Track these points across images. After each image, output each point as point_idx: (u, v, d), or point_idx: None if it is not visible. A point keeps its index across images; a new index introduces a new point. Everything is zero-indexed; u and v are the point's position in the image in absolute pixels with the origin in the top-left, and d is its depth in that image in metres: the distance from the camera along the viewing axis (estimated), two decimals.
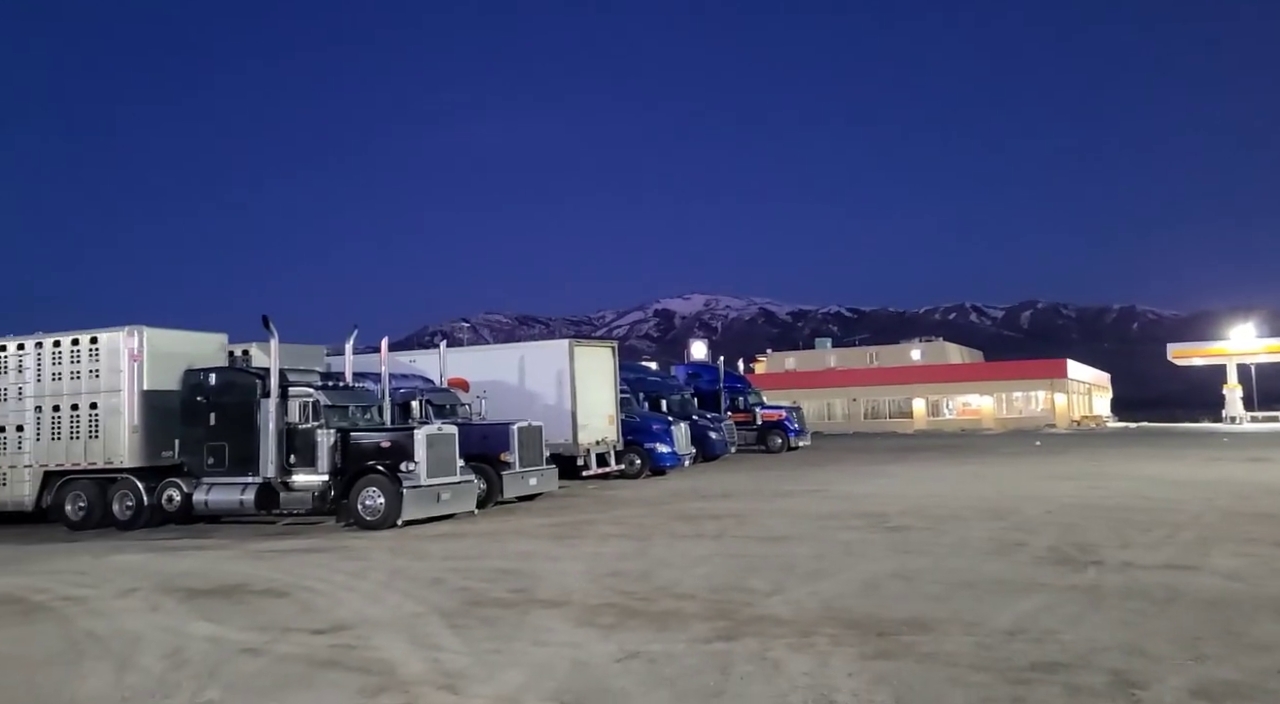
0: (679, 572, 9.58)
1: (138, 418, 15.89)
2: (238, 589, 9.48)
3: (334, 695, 5.73)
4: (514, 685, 5.81)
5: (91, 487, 16.13)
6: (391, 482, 13.98)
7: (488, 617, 7.75)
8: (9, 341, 16.96)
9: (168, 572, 10.86)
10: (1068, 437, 43.25)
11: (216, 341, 17.36)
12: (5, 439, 16.72)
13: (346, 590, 9.19)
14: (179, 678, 6.23)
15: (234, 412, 15.22)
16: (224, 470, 15.22)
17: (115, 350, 16.08)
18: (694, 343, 62.07)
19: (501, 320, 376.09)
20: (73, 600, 9.16)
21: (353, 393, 15.99)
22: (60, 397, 16.41)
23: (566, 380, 21.07)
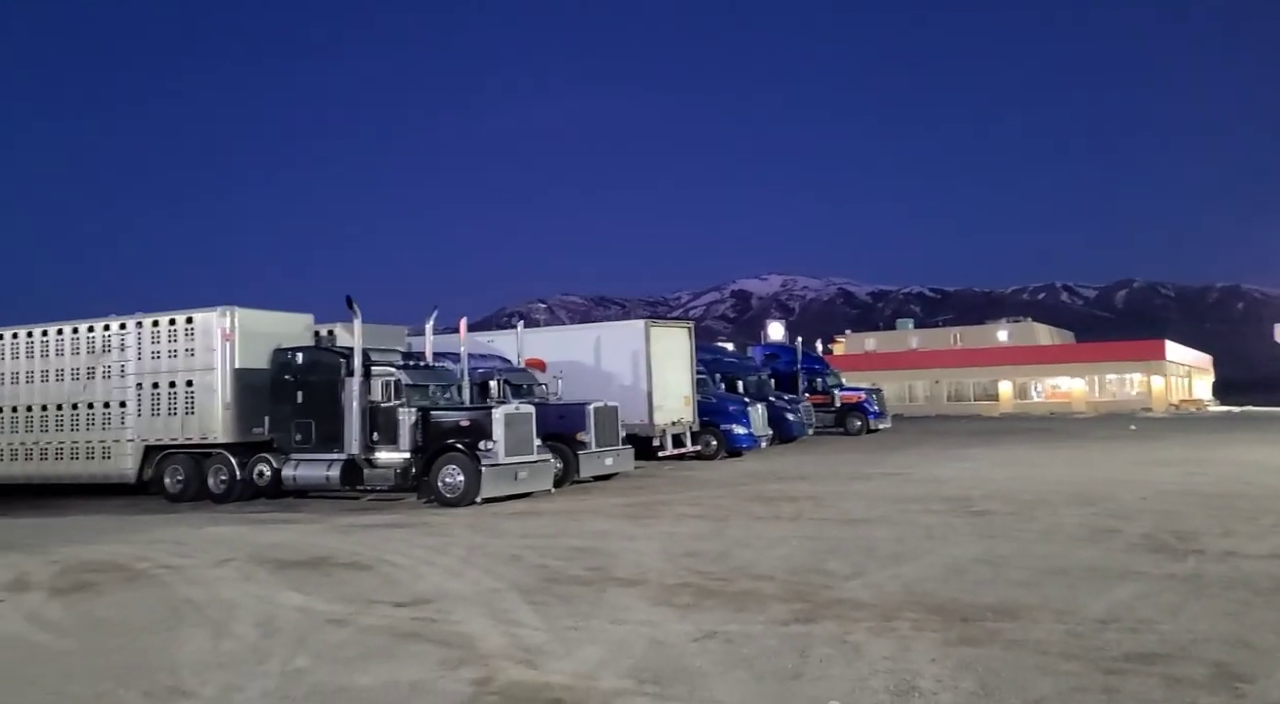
0: (756, 553, 9.50)
1: (230, 395, 16.48)
2: (324, 562, 9.76)
3: (416, 667, 5.83)
4: (592, 662, 5.82)
5: (188, 461, 16.83)
6: (471, 460, 14.22)
7: (565, 594, 7.80)
8: (112, 321, 17.76)
9: (259, 543, 11.25)
10: (1165, 421, 41.49)
11: (303, 322, 17.89)
12: (109, 414, 17.54)
13: (427, 565, 9.38)
14: (271, 646, 6.43)
15: (320, 390, 15.66)
16: (311, 447, 15.69)
17: (209, 330, 16.70)
18: (771, 324, 61.39)
19: (577, 301, 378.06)
20: (172, 569, 9.57)
21: (433, 372, 16.29)
22: (159, 374, 17.13)
23: (642, 361, 21.07)
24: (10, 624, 7.28)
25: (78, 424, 17.85)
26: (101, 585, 8.79)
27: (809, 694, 5.14)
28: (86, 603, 8.01)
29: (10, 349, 18.69)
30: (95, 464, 17.67)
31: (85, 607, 7.85)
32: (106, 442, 17.56)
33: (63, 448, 17.98)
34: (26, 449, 18.34)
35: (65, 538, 12.40)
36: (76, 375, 17.95)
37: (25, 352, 18.52)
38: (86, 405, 17.79)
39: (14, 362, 18.63)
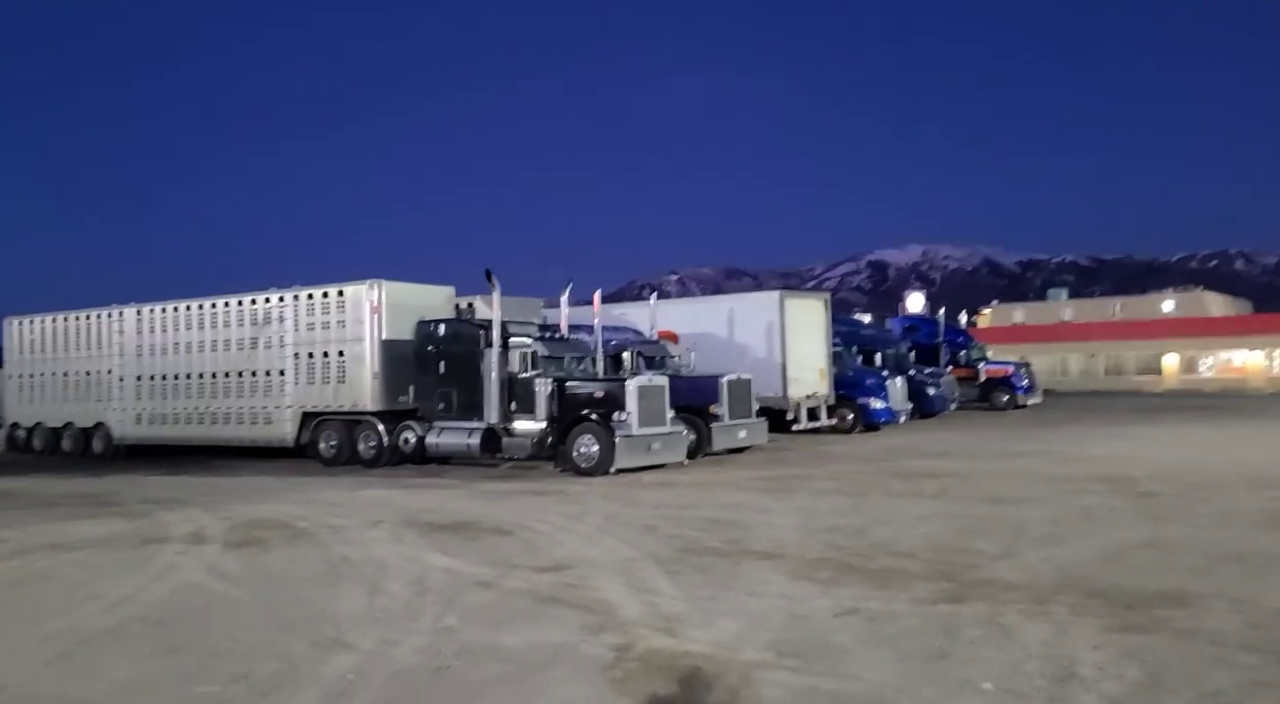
0: (897, 530, 9.23)
1: (378, 365, 17.27)
2: (469, 526, 10.11)
3: (559, 630, 5.95)
4: (730, 634, 5.80)
5: (340, 427, 17.77)
6: (605, 430, 14.41)
7: (701, 565, 7.80)
8: (272, 294, 18.87)
9: (408, 507, 11.77)
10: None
11: (445, 294, 18.52)
12: (270, 383, 18.70)
13: (566, 532, 9.57)
14: (422, 604, 6.70)
15: (461, 361, 16.20)
16: (452, 415, 16.27)
17: (359, 302, 17.51)
18: (911, 295, 59.24)
19: (708, 273, 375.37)
20: (330, 528, 10.13)
21: (568, 344, 16.57)
22: (314, 345, 18.11)
23: (777, 333, 20.78)
24: (192, 574, 7.87)
25: (243, 391, 19.11)
26: (269, 541, 9.40)
27: (958, 676, 4.95)
28: (257, 557, 8.58)
29: (185, 320, 20.16)
30: (258, 429, 18.90)
31: (256, 560, 8.41)
32: (268, 408, 18.73)
33: (230, 413, 19.31)
34: (200, 413, 19.81)
35: (235, 496, 13.34)
36: (241, 345, 19.20)
37: (198, 322, 19.95)
38: (250, 374, 19.01)
39: (188, 332, 20.09)
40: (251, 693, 4.87)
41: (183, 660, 5.43)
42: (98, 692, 4.90)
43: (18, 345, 23.67)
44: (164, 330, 20.50)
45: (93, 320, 21.96)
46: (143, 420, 20.82)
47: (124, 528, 10.52)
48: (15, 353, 23.73)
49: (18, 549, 9.21)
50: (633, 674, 5.07)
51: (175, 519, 11.05)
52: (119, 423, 21.27)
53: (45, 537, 9.97)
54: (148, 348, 20.73)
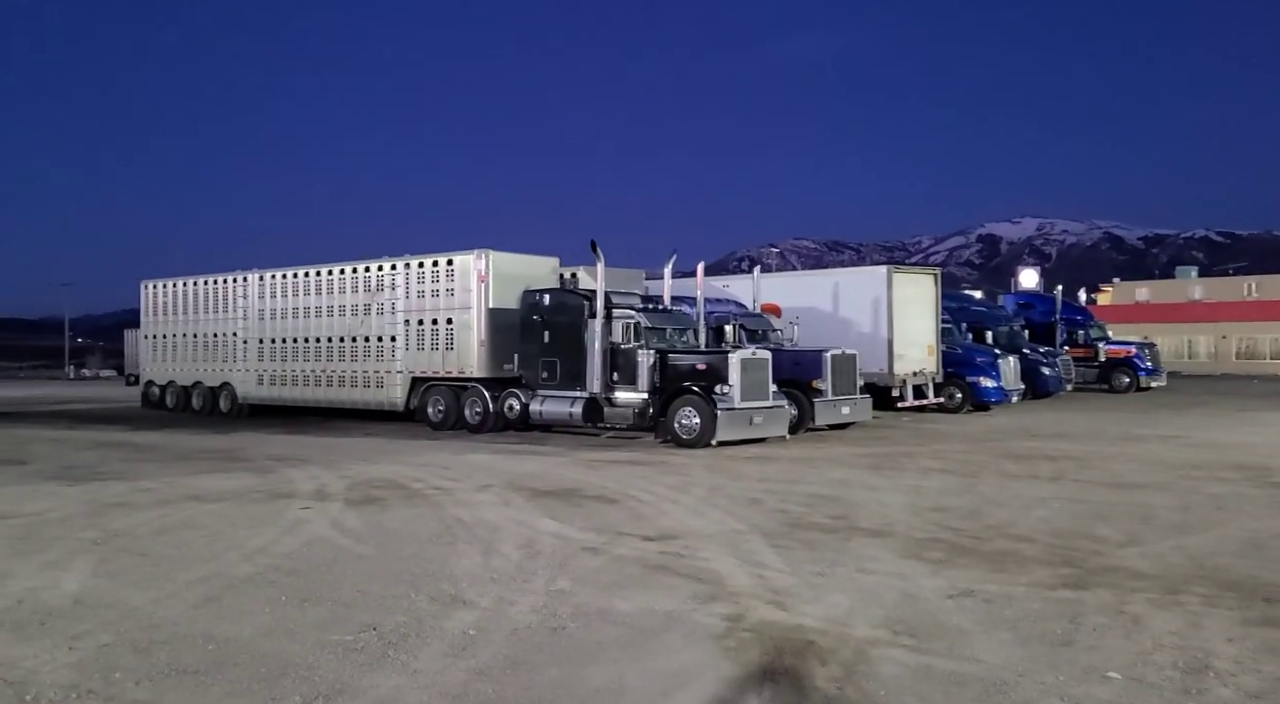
0: (1012, 512, 8.99)
1: (484, 333, 17.69)
2: (574, 493, 10.30)
3: (669, 598, 6.03)
4: (841, 609, 5.76)
5: (448, 393, 18.30)
6: (706, 403, 14.43)
7: (808, 540, 7.76)
8: (385, 262, 19.50)
9: (513, 472, 12.07)
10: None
11: (549, 264, 18.79)
12: (382, 348, 19.38)
13: (670, 502, 9.66)
14: (534, 567, 6.88)
15: (564, 330, 16.44)
16: (556, 384, 16.55)
17: (467, 272, 17.94)
18: (1024, 271, 56.93)
19: (809, 246, 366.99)
20: (442, 490, 10.48)
21: (670, 316, 16.61)
22: (424, 312, 18.67)
23: (883, 308, 20.37)
24: (319, 528, 8.27)
25: (356, 356, 19.88)
26: (386, 500, 9.79)
27: (1083, 663, 4.81)
28: (376, 514, 8.95)
29: (303, 286, 21.05)
30: (370, 392, 19.65)
31: (375, 518, 8.78)
32: (380, 372, 19.44)
33: (344, 376, 20.13)
34: (316, 376, 20.70)
35: (351, 456, 13.92)
36: (355, 311, 19.94)
37: (315, 289, 20.79)
38: (364, 339, 19.75)
39: (305, 298, 20.98)
40: (381, 643, 5.10)
41: (316, 609, 5.73)
42: (244, 634, 5.21)
43: (152, 307, 25.15)
44: (284, 296, 21.46)
45: (220, 284, 23.16)
46: (264, 381, 21.90)
47: (254, 483, 11.12)
48: (149, 314, 25.24)
49: (160, 499, 9.84)
50: (746, 644, 5.10)
51: (299, 476, 11.61)
52: (242, 383, 22.43)
53: (184, 488, 10.62)
54: (269, 312, 21.76)
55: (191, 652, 4.91)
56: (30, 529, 8.14)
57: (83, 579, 6.41)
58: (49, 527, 8.26)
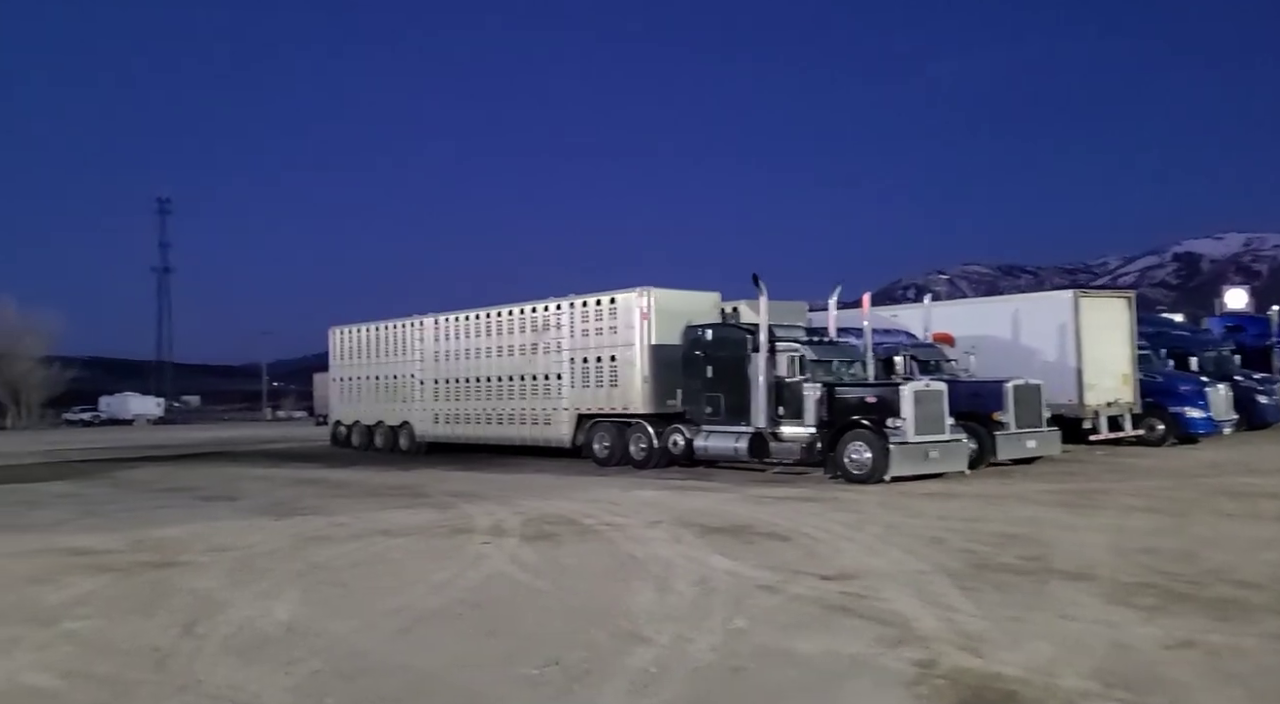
0: (1233, 556, 8.15)
1: (647, 370, 17.89)
2: (744, 529, 10.16)
3: (852, 640, 5.80)
4: (1044, 657, 5.37)
5: (613, 429, 18.58)
6: (878, 437, 13.96)
7: (1000, 582, 7.31)
8: (550, 302, 20.14)
9: (682, 508, 12.05)
10: None
11: (710, 299, 18.86)
12: (549, 386, 19.94)
13: (845, 540, 9.36)
14: (710, 604, 6.80)
15: (728, 365, 16.38)
16: (720, 419, 16.48)
17: (629, 309, 18.25)
18: (1231, 291, 51.71)
19: (981, 271, 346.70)
20: (613, 527, 10.58)
21: (836, 348, 16.26)
22: (588, 350, 19.10)
23: (1070, 335, 19.16)
24: (498, 563, 8.52)
25: (525, 394, 20.54)
26: (560, 536, 9.98)
27: None
28: (551, 550, 9.13)
29: (474, 328, 22.04)
30: (538, 429, 20.23)
31: (551, 553, 8.95)
32: (547, 410, 19.99)
33: (513, 414, 20.83)
34: (487, 414, 21.54)
35: (523, 492, 14.32)
36: (523, 351, 20.65)
37: (485, 330, 21.73)
38: (531, 377, 20.39)
39: (477, 339, 21.95)
40: (565, 678, 5.16)
41: (501, 642, 5.87)
42: (436, 664, 5.41)
43: (339, 351, 27.00)
44: (457, 337, 22.53)
45: (399, 328, 24.59)
46: (440, 420, 22.98)
47: (436, 518, 11.62)
48: (337, 358, 27.09)
49: (354, 534, 10.43)
50: (940, 692, 4.83)
51: (476, 512, 12.04)
52: (420, 422, 23.62)
53: (374, 523, 11.22)
54: (443, 354, 22.88)
55: (391, 680, 5.13)
56: (245, 561, 8.79)
57: (292, 608, 6.85)
58: (260, 559, 8.90)
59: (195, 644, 5.89)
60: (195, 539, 10.15)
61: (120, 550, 9.51)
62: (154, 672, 5.35)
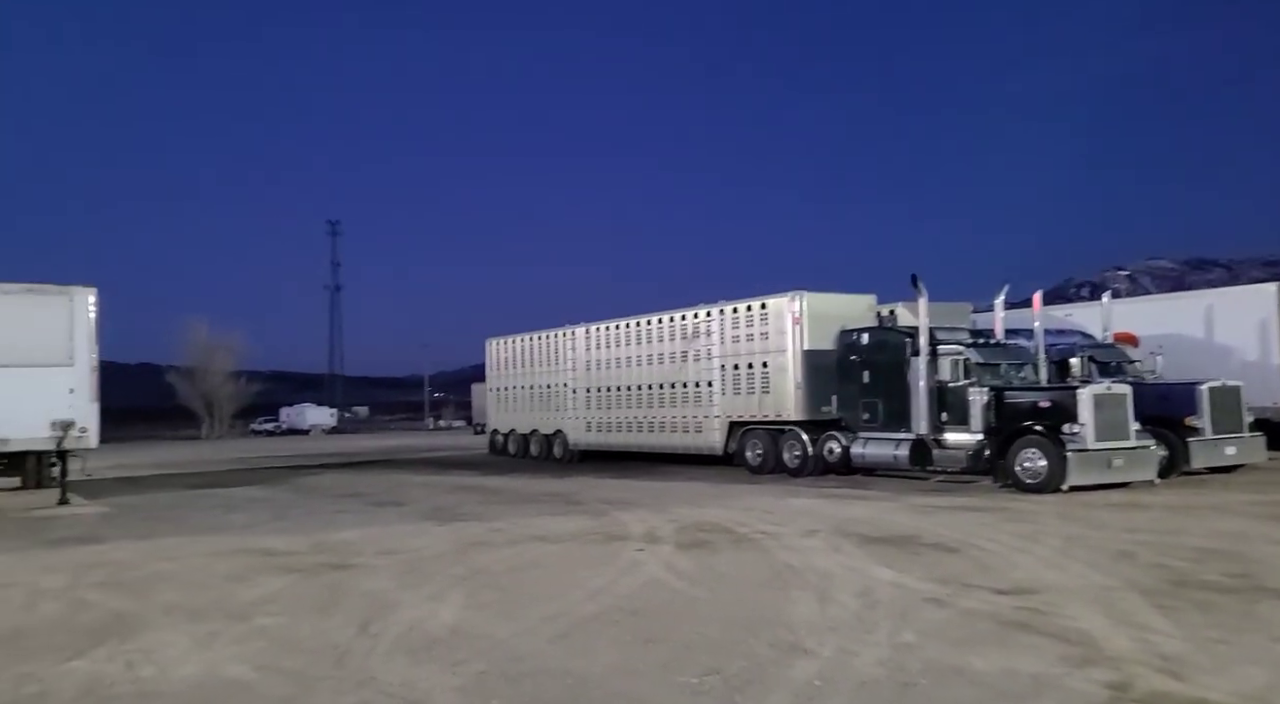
0: None
1: (800, 375, 17.53)
2: (908, 540, 9.73)
3: (1033, 658, 5.41)
4: (1257, 683, 4.84)
5: (766, 436, 18.30)
6: (1053, 444, 13.12)
7: (1201, 601, 6.66)
8: (700, 309, 20.10)
9: (840, 517, 11.68)
10: None
11: (866, 302, 18.31)
12: (699, 393, 19.88)
13: (1019, 553, 8.80)
14: (874, 617, 6.51)
15: (886, 370, 15.83)
16: (878, 426, 15.94)
17: (781, 314, 17.95)
18: None
19: (1166, 266, 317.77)
20: (768, 535, 10.37)
21: (1005, 350, 15.42)
22: (739, 357, 18.92)
23: (1274, 332, 17.49)
24: (653, 570, 8.48)
25: (675, 402, 20.56)
26: (714, 544, 9.86)
27: None
28: (707, 558, 9.02)
29: (624, 337, 22.28)
30: (689, 437, 20.19)
31: (706, 561, 8.84)
32: (698, 417, 19.94)
33: (664, 422, 20.89)
34: (638, 423, 21.70)
35: (676, 500, 14.29)
36: (673, 359, 20.69)
37: (635, 338, 21.91)
38: (682, 385, 20.39)
39: (627, 347, 22.17)
40: (725, 687, 5.03)
41: (659, 650, 5.80)
42: (595, 671, 5.39)
43: (495, 362, 27.93)
44: (607, 346, 22.84)
45: (551, 339, 25.19)
46: (591, 428, 23.35)
47: (590, 525, 11.74)
48: (493, 368, 28.02)
49: (511, 539, 10.67)
50: None
51: (630, 519, 12.08)
52: (573, 430, 24.08)
53: (530, 529, 11.45)
54: (595, 363, 23.25)
55: (552, 685, 5.15)
56: (412, 564, 9.14)
57: (456, 611, 7.04)
58: (425, 562, 9.23)
59: (370, 643, 6.13)
60: (368, 543, 10.65)
61: (303, 552, 10.09)
62: (334, 668, 5.60)
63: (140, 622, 6.94)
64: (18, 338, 15.52)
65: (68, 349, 15.95)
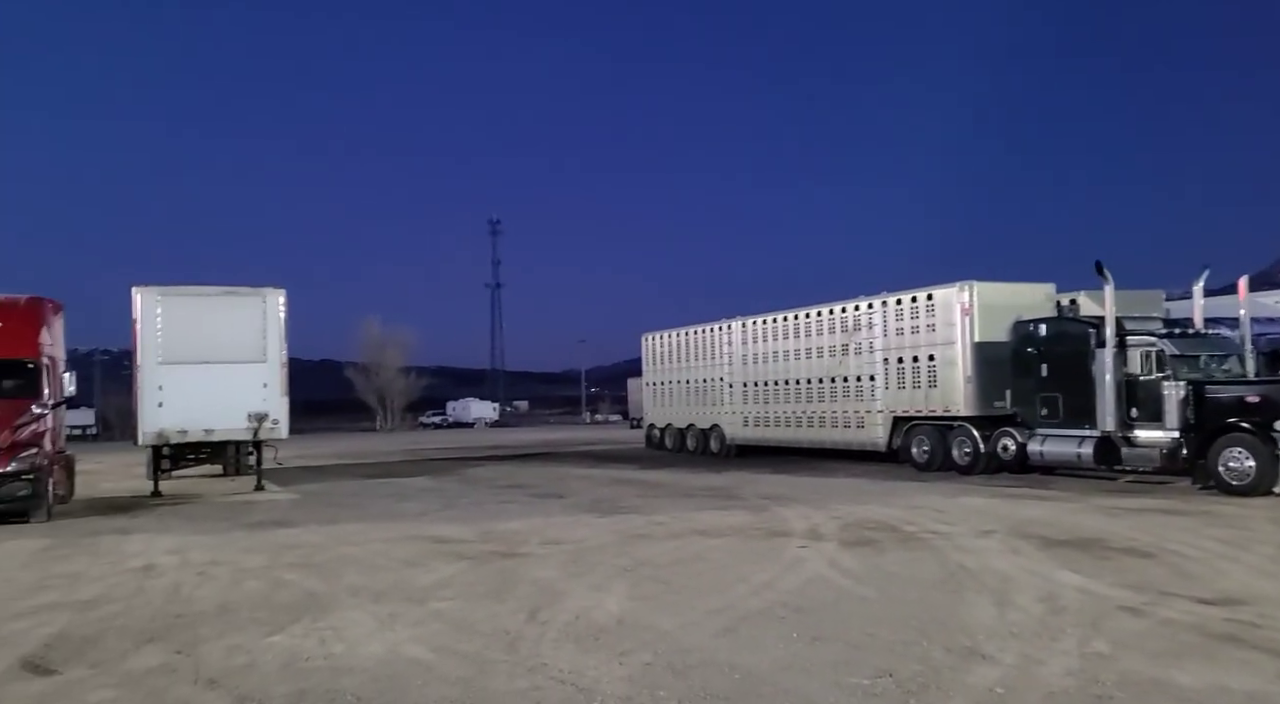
0: None
1: (970, 369, 16.72)
2: (1095, 543, 9.09)
3: (1247, 675, 4.91)
4: None
5: (933, 432, 17.57)
6: (1264, 442, 11.93)
7: None
8: (861, 301, 19.54)
9: (1016, 518, 11.06)
10: None
11: (1043, 292, 17.25)
12: (861, 388, 19.32)
13: (1226, 560, 8.05)
14: (1060, 624, 6.10)
15: (1066, 362, 14.89)
16: (1057, 422, 15.01)
17: (949, 305, 17.18)
18: None
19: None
20: (938, 535, 9.93)
21: (1204, 341, 14.17)
22: (903, 350, 18.25)
23: None
24: (817, 567, 8.28)
25: (835, 396, 20.08)
26: (881, 542, 9.52)
27: None
28: (873, 557, 8.72)
29: (781, 330, 21.96)
30: (850, 433, 19.67)
31: (873, 560, 8.55)
32: (859, 412, 19.39)
33: (824, 417, 20.44)
34: (796, 417, 21.33)
35: (838, 496, 13.94)
36: (833, 352, 20.21)
37: (793, 332, 21.55)
38: (842, 379, 19.89)
39: (784, 341, 21.84)
40: (900, 691, 4.82)
41: (828, 649, 5.63)
42: (762, 666, 5.29)
43: (651, 357, 28.16)
44: (764, 340, 22.57)
45: (707, 333, 25.14)
46: (749, 423, 23.15)
47: (749, 520, 11.61)
48: (649, 363, 28.26)
49: (672, 533, 10.70)
50: None
51: (791, 515, 11.87)
52: (730, 425, 23.95)
53: (690, 523, 11.45)
54: (751, 357, 23.03)
55: (720, 678, 5.09)
56: (576, 555, 9.32)
57: (621, 602, 7.10)
58: (589, 553, 9.38)
59: (539, 630, 6.27)
60: (532, 533, 10.94)
61: (472, 540, 10.48)
62: (506, 653, 5.75)
63: (330, 601, 7.39)
64: (219, 337, 16.94)
65: (261, 346, 17.26)
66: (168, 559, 9.74)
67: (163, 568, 9.22)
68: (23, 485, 12.87)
